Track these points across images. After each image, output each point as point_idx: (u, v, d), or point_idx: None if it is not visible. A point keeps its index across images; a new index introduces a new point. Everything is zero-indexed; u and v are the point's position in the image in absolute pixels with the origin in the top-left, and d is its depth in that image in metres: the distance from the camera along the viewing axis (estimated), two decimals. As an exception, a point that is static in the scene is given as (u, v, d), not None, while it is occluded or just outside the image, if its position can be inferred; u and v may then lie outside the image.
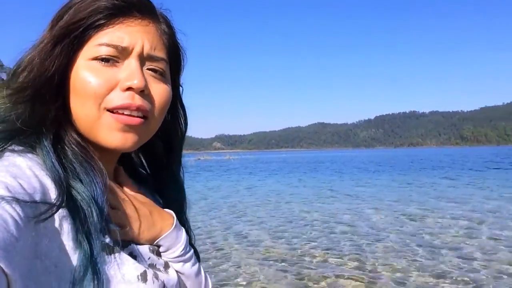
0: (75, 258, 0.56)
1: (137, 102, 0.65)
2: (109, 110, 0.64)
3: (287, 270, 5.87)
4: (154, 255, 0.70)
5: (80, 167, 0.63)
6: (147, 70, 0.68)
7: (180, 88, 0.81)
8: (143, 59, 0.67)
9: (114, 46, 0.64)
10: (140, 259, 0.67)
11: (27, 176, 0.55)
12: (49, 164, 0.60)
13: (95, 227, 0.59)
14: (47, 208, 0.54)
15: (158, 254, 0.72)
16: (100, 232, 0.60)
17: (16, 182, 0.52)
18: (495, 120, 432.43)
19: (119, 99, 0.64)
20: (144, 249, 0.69)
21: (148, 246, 0.70)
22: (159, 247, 0.73)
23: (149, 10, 0.70)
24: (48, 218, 0.54)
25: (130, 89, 0.64)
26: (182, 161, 0.87)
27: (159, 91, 0.69)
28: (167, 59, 0.71)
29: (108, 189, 0.66)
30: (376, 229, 8.74)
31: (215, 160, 72.04)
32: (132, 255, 0.66)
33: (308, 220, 9.87)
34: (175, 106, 0.79)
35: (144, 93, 0.66)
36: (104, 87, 0.64)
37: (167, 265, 0.72)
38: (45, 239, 0.54)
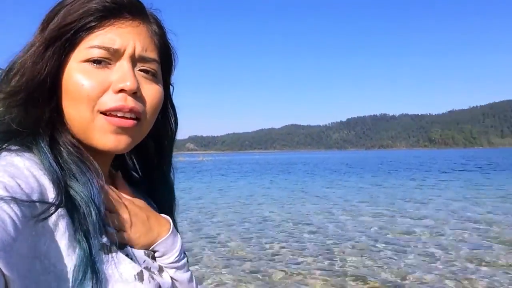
0: (74, 257, 0.56)
1: (129, 104, 0.65)
2: (102, 113, 0.64)
3: (256, 271, 5.95)
4: (149, 259, 0.70)
5: (76, 167, 0.63)
6: (139, 71, 0.68)
7: (171, 88, 0.81)
8: (134, 60, 0.67)
9: (106, 48, 0.64)
10: (136, 261, 0.66)
11: (25, 176, 0.55)
12: (46, 164, 0.59)
13: (93, 226, 0.59)
14: (46, 207, 0.54)
15: (153, 258, 0.72)
16: (98, 232, 0.60)
17: (14, 182, 0.52)
18: (462, 123, 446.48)
19: (112, 101, 0.64)
20: (139, 252, 0.69)
21: (143, 250, 0.70)
22: (154, 252, 0.72)
23: (139, 11, 0.70)
24: (47, 217, 0.54)
25: (122, 91, 0.64)
26: (173, 162, 0.86)
27: (151, 92, 0.69)
28: (158, 59, 0.71)
29: (105, 191, 0.66)
30: (344, 229, 8.92)
31: (188, 161, 71.30)
32: (128, 257, 0.66)
33: (278, 221, 9.98)
34: (166, 106, 0.79)
35: (137, 94, 0.66)
36: (97, 90, 0.63)
37: (161, 269, 0.72)
38: (44, 238, 0.54)
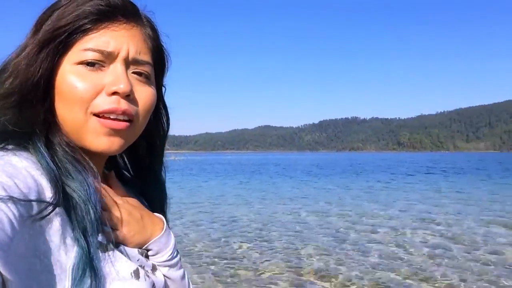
0: (72, 255, 0.57)
1: (122, 106, 0.65)
2: (95, 114, 0.65)
3: (224, 271, 5.99)
4: (143, 257, 0.71)
5: (72, 166, 0.63)
6: (132, 73, 0.69)
7: (163, 89, 0.81)
8: (128, 63, 0.68)
9: (99, 51, 0.65)
10: (130, 260, 0.67)
11: (23, 176, 0.55)
12: (44, 164, 0.60)
13: (91, 225, 0.60)
14: (44, 207, 0.54)
15: (146, 257, 0.72)
16: (96, 230, 0.61)
17: (12, 182, 0.52)
18: (429, 128, 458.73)
19: (105, 103, 0.64)
20: (133, 251, 0.69)
21: (137, 249, 0.71)
22: (148, 251, 0.73)
23: (133, 13, 0.71)
24: (44, 217, 0.54)
25: (116, 93, 0.65)
26: (164, 161, 0.87)
27: (144, 94, 0.70)
28: (151, 62, 0.72)
29: (100, 191, 0.66)
30: (311, 230, 9.09)
31: (159, 160, 70.30)
32: (123, 255, 0.67)
33: (247, 222, 10.07)
34: (158, 107, 0.79)
35: (130, 97, 0.67)
36: (90, 92, 0.64)
37: (154, 267, 0.72)
38: (42, 237, 0.54)
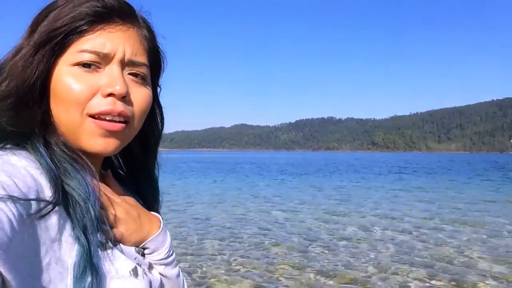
0: (73, 254, 0.57)
1: (118, 108, 0.65)
2: (91, 116, 0.65)
3: (194, 271, 5.83)
4: (140, 256, 0.72)
5: (71, 166, 0.63)
6: (128, 74, 0.69)
7: (158, 89, 0.81)
8: (124, 64, 0.68)
9: (96, 53, 0.65)
10: (128, 258, 0.68)
11: (22, 175, 0.55)
12: (43, 163, 0.60)
13: (92, 223, 0.60)
14: (43, 205, 0.55)
15: (143, 256, 0.73)
16: (95, 229, 0.61)
17: (11, 181, 0.52)
18: (403, 129, 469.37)
19: (101, 105, 0.64)
20: (130, 249, 0.70)
21: (134, 247, 0.71)
22: (144, 249, 0.74)
23: (129, 15, 0.71)
24: (44, 215, 0.54)
25: (111, 95, 0.65)
26: (158, 159, 0.88)
27: (140, 95, 0.70)
28: (148, 63, 0.72)
29: (98, 189, 0.67)
30: (281, 228, 9.06)
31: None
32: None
33: (219, 220, 9.94)
34: (153, 107, 0.79)
35: (126, 98, 0.67)
36: (86, 93, 0.64)
37: (151, 266, 0.73)
38: (43, 236, 0.54)
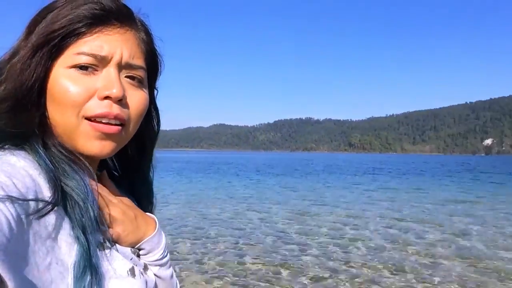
0: (73, 253, 0.57)
1: (115, 111, 0.65)
2: (87, 118, 0.65)
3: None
4: (135, 256, 0.72)
5: (69, 167, 0.63)
6: (125, 77, 0.69)
7: (155, 91, 0.81)
8: (121, 67, 0.68)
9: (93, 55, 0.65)
10: (125, 258, 0.68)
11: (21, 175, 0.55)
12: (42, 164, 0.60)
13: (91, 223, 0.60)
14: (42, 206, 0.55)
15: (138, 257, 0.73)
16: (95, 229, 0.61)
17: (10, 181, 0.52)
18: (379, 130, 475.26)
19: (97, 108, 0.64)
20: (126, 250, 0.70)
21: (130, 248, 0.72)
22: (139, 250, 0.74)
23: (127, 17, 0.71)
24: (43, 216, 0.54)
25: (108, 98, 0.65)
26: (153, 160, 0.87)
27: (137, 99, 0.70)
28: (145, 66, 0.72)
29: (96, 190, 0.67)
30: (253, 228, 9.15)
31: (109, 157, 68.25)
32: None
33: (190, 220, 9.95)
34: (149, 109, 0.79)
35: (122, 101, 0.67)
36: (83, 96, 0.64)
37: (146, 267, 0.73)
38: (43, 237, 0.54)
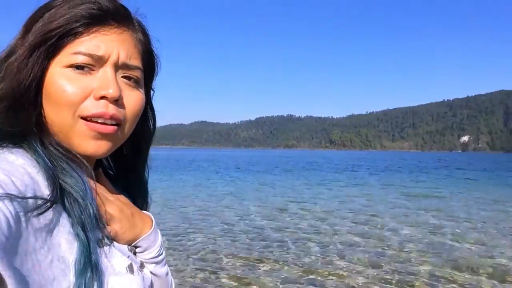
0: (74, 250, 0.57)
1: (111, 111, 0.65)
2: (83, 118, 0.64)
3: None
4: (132, 254, 0.72)
5: (67, 165, 0.64)
6: (122, 77, 0.69)
7: (151, 92, 0.81)
8: (118, 67, 0.68)
9: (90, 55, 0.65)
10: (123, 255, 0.69)
11: (19, 173, 0.55)
12: (41, 162, 0.60)
13: (91, 220, 0.61)
14: (41, 203, 0.55)
15: (134, 254, 0.74)
16: (94, 226, 0.62)
17: (9, 179, 0.52)
18: (359, 127, 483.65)
19: (94, 107, 0.64)
20: (123, 248, 0.70)
21: (127, 246, 0.72)
22: (136, 248, 0.74)
23: (125, 17, 0.71)
24: (42, 213, 0.55)
25: (104, 98, 0.65)
26: (149, 160, 0.88)
27: (133, 99, 0.70)
28: (141, 67, 0.72)
29: (93, 188, 0.67)
30: (230, 226, 9.08)
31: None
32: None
33: (167, 219, 9.77)
34: (146, 109, 0.79)
35: (118, 101, 0.66)
36: (79, 95, 0.64)
37: (142, 264, 0.74)
38: (43, 234, 0.54)
